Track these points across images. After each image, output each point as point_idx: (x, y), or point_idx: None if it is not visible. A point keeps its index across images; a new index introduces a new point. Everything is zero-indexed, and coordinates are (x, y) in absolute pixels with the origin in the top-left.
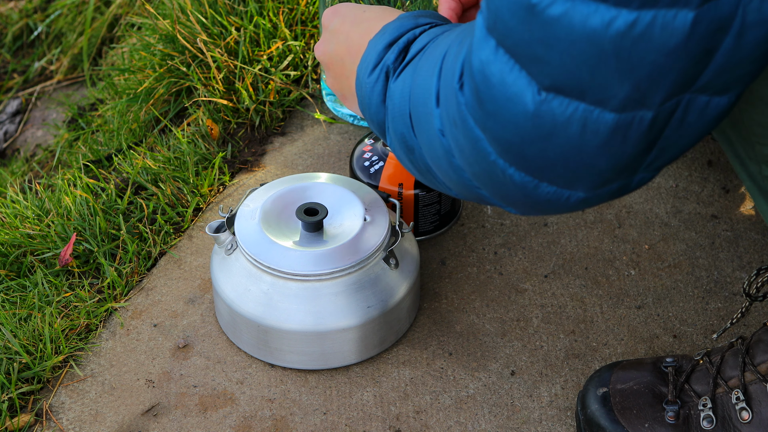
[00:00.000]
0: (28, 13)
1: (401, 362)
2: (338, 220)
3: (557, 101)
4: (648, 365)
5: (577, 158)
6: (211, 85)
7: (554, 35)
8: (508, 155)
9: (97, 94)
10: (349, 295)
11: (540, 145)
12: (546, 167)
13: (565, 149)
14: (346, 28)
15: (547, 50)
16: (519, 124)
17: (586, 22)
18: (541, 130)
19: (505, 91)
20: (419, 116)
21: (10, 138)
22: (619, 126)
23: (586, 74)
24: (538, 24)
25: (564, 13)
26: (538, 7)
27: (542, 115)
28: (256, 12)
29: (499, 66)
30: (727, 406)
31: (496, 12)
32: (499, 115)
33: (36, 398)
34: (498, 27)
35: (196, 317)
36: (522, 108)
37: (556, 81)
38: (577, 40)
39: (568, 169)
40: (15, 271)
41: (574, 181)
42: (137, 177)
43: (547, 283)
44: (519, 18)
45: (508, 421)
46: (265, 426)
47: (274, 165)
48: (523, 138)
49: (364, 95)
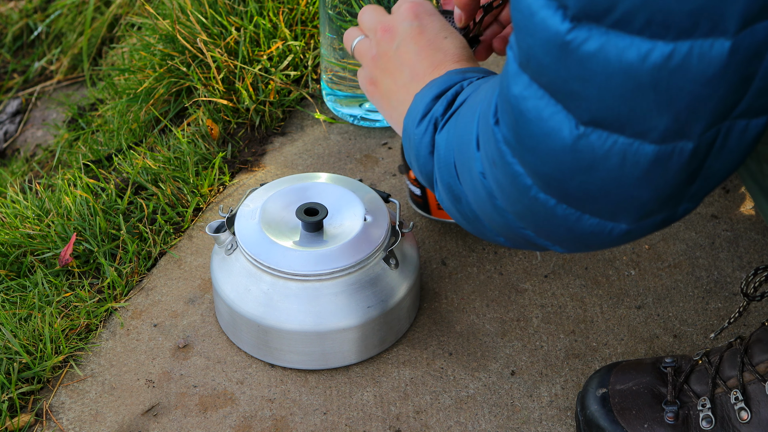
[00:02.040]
0: (28, 13)
1: (401, 362)
2: (338, 220)
3: (596, 135)
4: (647, 366)
5: (618, 190)
6: (211, 85)
7: (590, 71)
8: (549, 189)
9: (97, 94)
10: (349, 295)
11: (580, 178)
12: (587, 199)
13: (606, 182)
14: (422, 42)
15: (584, 86)
16: (558, 159)
17: (622, 57)
18: (581, 163)
19: (542, 126)
20: (462, 163)
21: (10, 138)
22: (660, 157)
23: (625, 108)
24: (574, 61)
25: (599, 49)
26: (572, 44)
27: (581, 149)
28: (256, 12)
29: (534, 101)
30: (726, 407)
31: (528, 50)
32: (537, 150)
33: (36, 398)
34: (531, 65)
35: (196, 317)
36: (560, 143)
37: (595, 115)
38: (613, 74)
39: (610, 201)
40: (15, 271)
41: (617, 213)
42: (137, 177)
43: (547, 283)
44: (553, 56)
45: (508, 421)
46: (265, 426)
47: (274, 165)
48: (563, 172)
49: (412, 146)
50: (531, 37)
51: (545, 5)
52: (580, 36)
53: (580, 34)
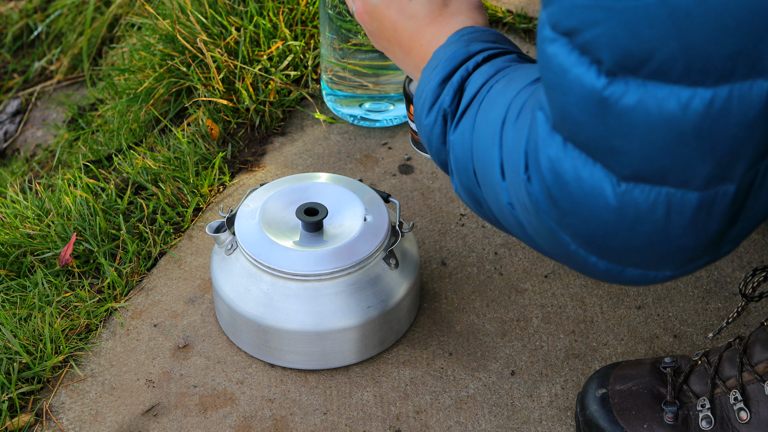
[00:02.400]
0: (28, 13)
1: (401, 362)
2: (338, 220)
3: (638, 189)
4: (647, 366)
5: (663, 242)
6: (211, 85)
7: (631, 125)
8: (591, 247)
9: (97, 94)
10: (349, 295)
11: (625, 235)
12: (631, 254)
13: (651, 235)
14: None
15: (625, 141)
16: (601, 218)
17: (662, 107)
18: (626, 220)
19: (582, 187)
20: (485, 180)
21: (10, 138)
22: (704, 203)
23: (668, 158)
24: (613, 116)
25: (639, 101)
26: (610, 100)
27: (625, 206)
28: (256, 12)
29: (570, 162)
30: (726, 407)
31: (562, 109)
32: (577, 211)
33: (36, 398)
34: (567, 124)
35: (196, 317)
36: (603, 201)
37: (637, 170)
38: (655, 126)
39: (654, 253)
40: (15, 271)
41: (662, 263)
42: (137, 177)
43: (547, 283)
44: (590, 113)
45: (508, 421)
46: (265, 426)
47: (274, 165)
48: (606, 230)
49: (424, 133)
50: (565, 96)
51: (578, 62)
52: (617, 90)
53: (618, 89)
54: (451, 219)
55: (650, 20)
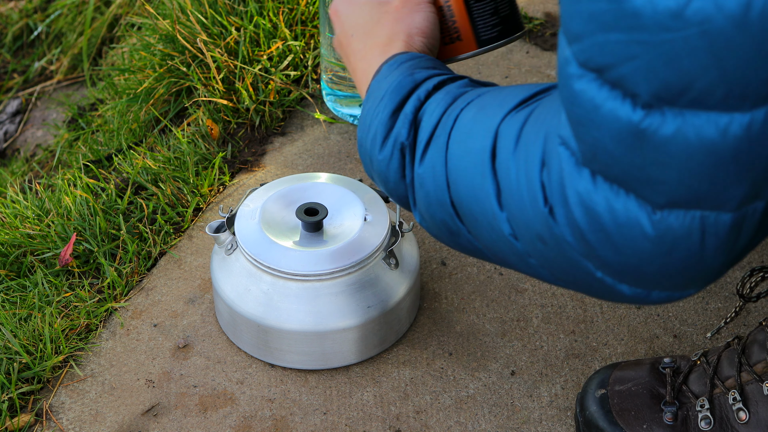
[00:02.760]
0: (28, 13)
1: (401, 362)
2: (338, 220)
3: (673, 215)
4: (646, 366)
5: (697, 264)
6: (211, 85)
7: (669, 154)
8: (622, 276)
9: (97, 94)
10: (349, 295)
11: (660, 262)
12: (663, 279)
13: (686, 259)
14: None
15: (663, 170)
16: (637, 248)
17: (701, 135)
18: (662, 247)
19: (616, 219)
20: (472, 212)
21: (10, 138)
22: (736, 223)
23: (705, 184)
24: (650, 147)
25: (677, 131)
26: (648, 131)
27: (663, 234)
28: (256, 12)
29: (602, 194)
30: (725, 407)
31: (594, 144)
32: (610, 243)
33: (36, 398)
34: (599, 158)
35: (196, 317)
36: (639, 231)
37: (673, 197)
38: (694, 154)
39: (686, 276)
40: (15, 271)
41: (689, 283)
42: (137, 177)
43: (547, 283)
44: (626, 146)
45: (508, 421)
46: (265, 426)
47: (274, 165)
48: (641, 259)
49: (377, 169)
50: (598, 131)
51: (610, 97)
52: (654, 122)
53: (655, 120)
54: None
55: (690, 51)
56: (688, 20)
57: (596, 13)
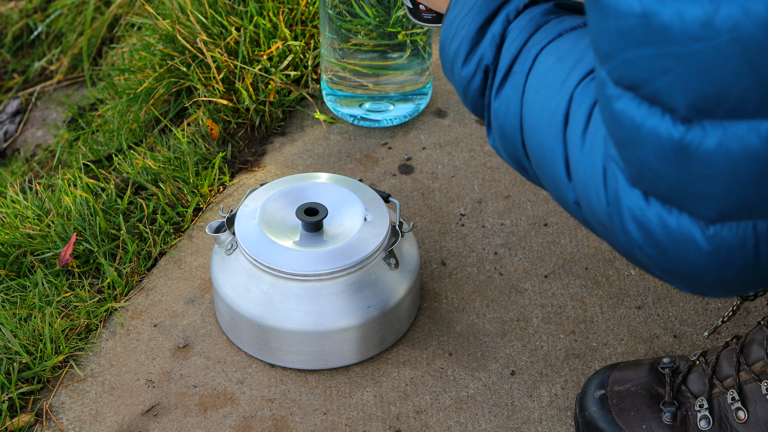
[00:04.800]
0: (28, 13)
1: (401, 362)
2: (338, 220)
3: (727, 229)
4: (645, 366)
5: (752, 272)
6: (211, 85)
7: (714, 167)
8: (679, 280)
9: (97, 94)
10: (349, 295)
11: (716, 272)
12: (719, 286)
13: (742, 268)
14: None
15: (710, 184)
16: (692, 261)
17: (744, 144)
18: (717, 260)
19: (671, 235)
20: (541, 164)
21: (10, 138)
22: None
23: (753, 193)
24: (695, 162)
25: (720, 143)
26: (690, 147)
27: (718, 248)
28: (256, 12)
29: (655, 212)
30: (724, 407)
31: (639, 164)
32: (666, 256)
33: (36, 398)
34: (646, 177)
35: (196, 317)
36: (694, 247)
37: (723, 210)
38: (739, 164)
39: (742, 282)
40: (15, 271)
41: (745, 288)
42: (137, 177)
43: (547, 283)
44: (671, 163)
45: (508, 421)
46: (265, 426)
47: (274, 165)
48: (697, 270)
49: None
50: (641, 150)
51: (649, 114)
52: (696, 136)
53: (696, 134)
54: (451, 219)
55: (722, 60)
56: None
57: (625, 30)
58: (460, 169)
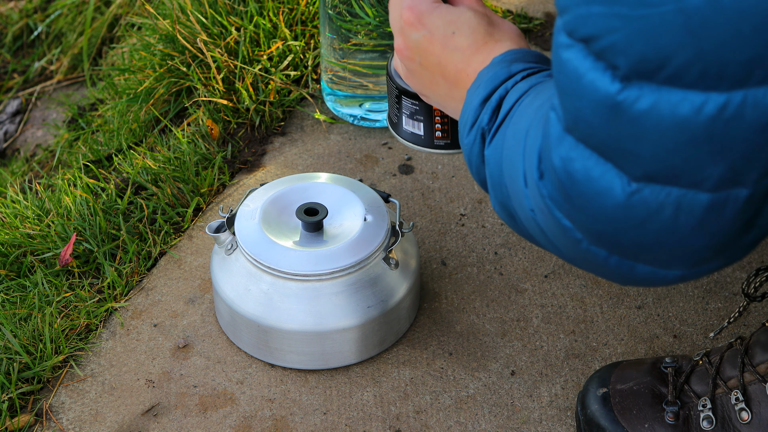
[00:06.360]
0: (28, 13)
1: (401, 362)
2: (338, 220)
3: (649, 189)
4: (648, 365)
5: (672, 240)
6: (211, 85)
7: (643, 128)
8: (601, 243)
9: (97, 94)
10: (349, 295)
11: (634, 233)
12: (641, 251)
13: (660, 233)
14: (437, 49)
15: (637, 144)
16: (610, 216)
17: (675, 111)
18: (635, 219)
19: (592, 186)
20: (513, 190)
21: (10, 138)
22: (714, 205)
23: (679, 160)
24: (626, 120)
25: (652, 106)
26: (624, 104)
27: (634, 204)
28: (256, 12)
29: (582, 162)
30: (727, 407)
31: (575, 113)
32: (587, 209)
33: (36, 398)
34: (579, 127)
35: (196, 317)
36: (612, 201)
37: (648, 171)
38: (667, 129)
39: (663, 251)
40: (15, 271)
41: (671, 261)
42: (137, 177)
43: (548, 283)
44: (603, 117)
45: (508, 421)
46: (265, 426)
47: (274, 165)
48: (616, 228)
49: (465, 152)
50: (579, 100)
51: (593, 67)
52: (631, 95)
53: (631, 94)
54: (451, 219)
55: (666, 27)
56: None
57: None
58: (460, 169)
